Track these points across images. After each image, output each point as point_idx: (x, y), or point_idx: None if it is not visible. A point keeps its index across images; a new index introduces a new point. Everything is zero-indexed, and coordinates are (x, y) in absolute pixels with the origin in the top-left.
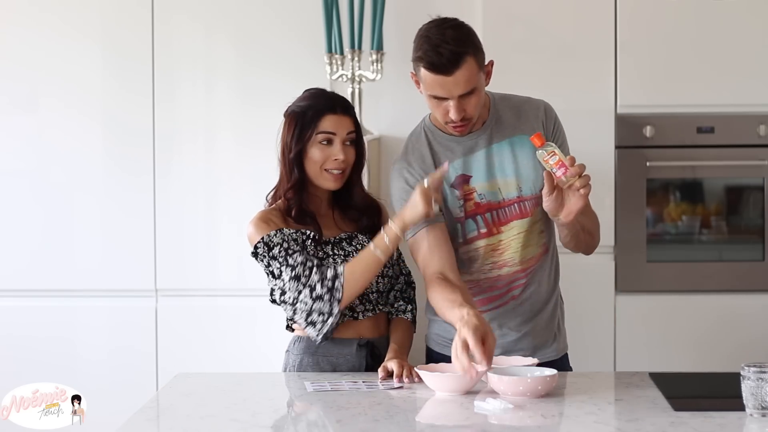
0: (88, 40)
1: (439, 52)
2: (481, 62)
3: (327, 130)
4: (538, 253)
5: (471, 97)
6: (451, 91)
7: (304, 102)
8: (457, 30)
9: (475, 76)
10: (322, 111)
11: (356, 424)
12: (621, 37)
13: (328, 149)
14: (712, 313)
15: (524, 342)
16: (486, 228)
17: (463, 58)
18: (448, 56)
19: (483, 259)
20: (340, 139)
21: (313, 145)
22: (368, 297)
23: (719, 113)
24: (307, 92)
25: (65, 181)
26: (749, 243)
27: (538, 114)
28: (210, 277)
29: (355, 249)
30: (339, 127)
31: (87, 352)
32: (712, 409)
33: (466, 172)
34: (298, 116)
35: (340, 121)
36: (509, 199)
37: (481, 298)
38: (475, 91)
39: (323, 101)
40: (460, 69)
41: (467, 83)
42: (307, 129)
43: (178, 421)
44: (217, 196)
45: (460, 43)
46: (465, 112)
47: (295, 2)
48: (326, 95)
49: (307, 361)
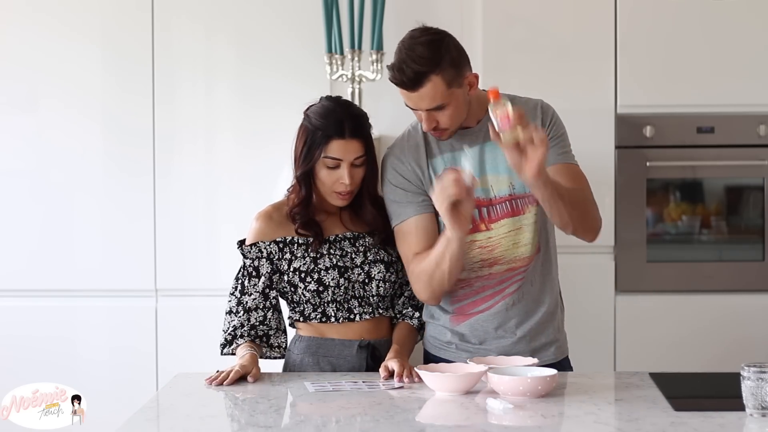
0: (87, 41)
1: (403, 70)
2: (450, 80)
3: (333, 155)
4: (531, 253)
5: (443, 111)
6: (417, 105)
7: (318, 119)
8: (428, 47)
9: (441, 93)
10: (330, 136)
11: (356, 424)
12: (621, 37)
13: (335, 172)
14: (712, 313)
15: (521, 345)
16: (472, 224)
17: (426, 77)
18: (410, 75)
19: (473, 256)
20: (347, 163)
21: (321, 167)
22: (368, 300)
23: (719, 113)
24: (324, 106)
25: (65, 182)
26: (749, 243)
27: (536, 113)
28: (210, 277)
29: (357, 250)
30: (345, 152)
31: (87, 352)
32: (712, 409)
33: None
34: (309, 133)
35: (347, 147)
36: (501, 197)
37: (475, 300)
38: (446, 106)
39: (333, 125)
40: (424, 87)
41: (432, 100)
42: (315, 149)
43: (178, 421)
44: (217, 196)
45: (426, 62)
46: (438, 123)
47: (295, 2)
48: (338, 117)
49: (307, 361)
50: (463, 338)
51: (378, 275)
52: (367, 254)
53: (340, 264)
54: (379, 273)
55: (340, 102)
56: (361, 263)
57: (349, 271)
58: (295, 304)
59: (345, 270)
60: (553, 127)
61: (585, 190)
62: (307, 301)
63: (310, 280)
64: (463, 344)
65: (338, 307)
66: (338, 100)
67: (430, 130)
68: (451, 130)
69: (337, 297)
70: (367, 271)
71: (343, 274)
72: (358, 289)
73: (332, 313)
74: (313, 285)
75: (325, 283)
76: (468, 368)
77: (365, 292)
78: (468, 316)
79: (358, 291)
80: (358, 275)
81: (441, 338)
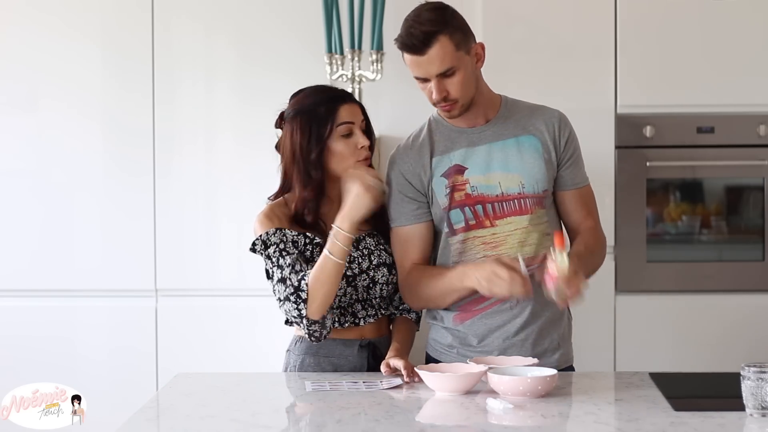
0: (87, 41)
1: (411, 33)
2: (458, 41)
3: (346, 120)
4: (540, 255)
5: (452, 78)
6: (427, 71)
7: (308, 100)
8: (434, 12)
9: (450, 55)
10: (336, 102)
11: (356, 424)
12: (621, 37)
13: (351, 140)
14: (712, 313)
15: (525, 347)
16: (475, 220)
17: (435, 37)
18: (419, 36)
19: (476, 251)
20: (358, 126)
21: (335, 140)
22: (371, 302)
23: (719, 113)
24: (303, 92)
25: (65, 181)
26: (749, 243)
27: (552, 121)
28: (210, 277)
29: (362, 254)
30: (354, 114)
31: (87, 352)
32: (712, 409)
33: (463, 163)
34: (309, 115)
35: (353, 110)
36: (509, 194)
37: (477, 297)
38: (455, 71)
39: (329, 94)
40: (432, 47)
41: (442, 62)
42: (325, 125)
43: (178, 421)
44: (217, 196)
45: (434, 23)
46: (448, 93)
47: (295, 2)
48: (327, 89)
49: (308, 361)
50: (465, 341)
51: (382, 279)
52: (372, 257)
53: (348, 273)
54: (383, 277)
55: (315, 85)
56: (366, 269)
57: (357, 279)
58: None
59: (353, 278)
60: (569, 145)
61: (599, 242)
62: None
63: None
64: (465, 348)
65: (342, 312)
66: (312, 86)
67: (441, 101)
68: (462, 104)
69: (342, 304)
70: (372, 276)
71: (351, 283)
72: (362, 293)
73: (336, 318)
74: None
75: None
76: (468, 368)
77: (368, 296)
78: (471, 314)
79: (362, 295)
80: (363, 281)
81: (442, 341)
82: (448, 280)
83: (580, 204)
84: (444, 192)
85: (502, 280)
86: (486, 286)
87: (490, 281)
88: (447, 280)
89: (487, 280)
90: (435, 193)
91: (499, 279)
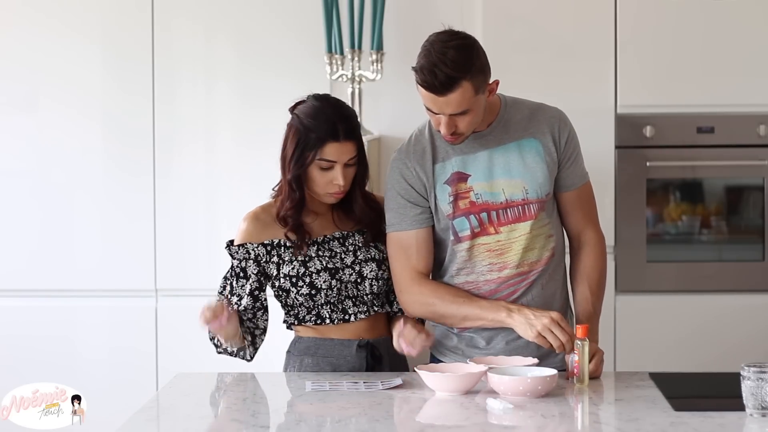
0: (87, 41)
1: (435, 73)
2: (479, 85)
3: (327, 158)
4: (544, 258)
5: (464, 116)
6: (442, 109)
7: (309, 120)
8: (460, 51)
9: (468, 99)
10: (325, 139)
11: (356, 424)
12: (621, 37)
13: (328, 173)
14: (712, 313)
15: (529, 349)
16: (480, 227)
17: (458, 83)
18: (442, 79)
19: (482, 259)
20: (340, 165)
21: (314, 169)
22: (362, 299)
23: (719, 113)
24: (315, 106)
25: (65, 182)
26: (749, 243)
27: (552, 122)
28: (210, 277)
29: (346, 250)
30: (340, 154)
31: (87, 352)
32: (712, 409)
33: (465, 170)
34: (300, 135)
35: (341, 149)
36: (514, 201)
37: None
38: (469, 111)
39: (326, 127)
40: (454, 93)
41: (459, 106)
42: (308, 152)
43: (178, 421)
44: (217, 196)
45: (459, 67)
46: (456, 128)
47: (295, 2)
48: (331, 118)
49: (308, 362)
50: (471, 343)
51: (370, 274)
52: (358, 253)
53: (330, 266)
54: (371, 272)
55: (331, 102)
56: (351, 263)
57: (340, 272)
58: (289, 308)
59: (336, 271)
60: (571, 142)
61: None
62: (301, 304)
63: (301, 284)
64: (471, 350)
65: (332, 308)
66: (328, 100)
67: (448, 135)
68: (467, 135)
69: (331, 299)
70: (359, 271)
71: (334, 276)
72: (351, 289)
73: (327, 314)
74: (305, 289)
75: (317, 286)
76: (468, 368)
77: (359, 292)
78: None
79: (351, 291)
80: (349, 275)
81: (447, 343)
82: (478, 307)
83: (578, 205)
84: (447, 200)
85: (556, 337)
86: (532, 335)
87: (544, 332)
88: (477, 308)
89: (540, 330)
90: (438, 200)
91: (553, 336)
